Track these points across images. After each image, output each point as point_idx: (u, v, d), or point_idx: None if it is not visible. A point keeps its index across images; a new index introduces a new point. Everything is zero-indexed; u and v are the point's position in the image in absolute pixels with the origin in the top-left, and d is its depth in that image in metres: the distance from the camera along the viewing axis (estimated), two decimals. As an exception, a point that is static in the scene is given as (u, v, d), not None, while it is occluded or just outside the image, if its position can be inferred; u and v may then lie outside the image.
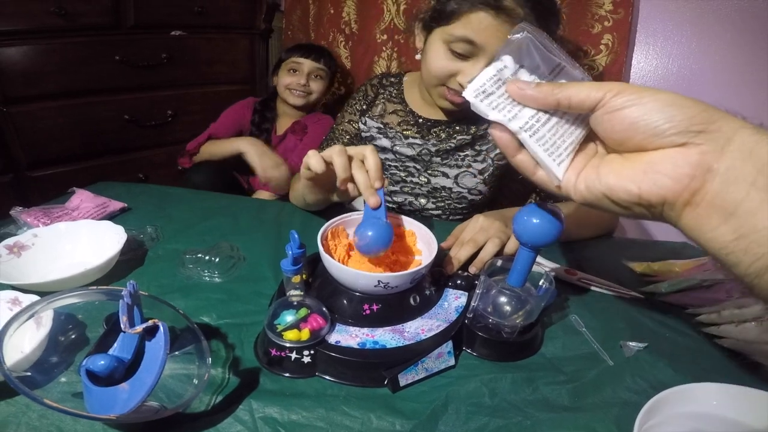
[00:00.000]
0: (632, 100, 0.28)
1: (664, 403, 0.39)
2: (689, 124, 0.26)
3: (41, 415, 0.37)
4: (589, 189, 0.31)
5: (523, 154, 0.33)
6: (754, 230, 0.25)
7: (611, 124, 0.29)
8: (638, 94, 0.28)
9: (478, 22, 0.61)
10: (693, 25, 0.94)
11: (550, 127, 0.32)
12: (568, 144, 0.33)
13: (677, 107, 0.27)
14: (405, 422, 0.39)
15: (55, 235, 0.59)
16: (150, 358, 0.35)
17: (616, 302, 0.59)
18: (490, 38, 0.62)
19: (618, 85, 0.28)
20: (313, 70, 1.23)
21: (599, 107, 0.29)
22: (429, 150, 0.81)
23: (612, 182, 0.30)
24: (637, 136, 0.28)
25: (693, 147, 0.26)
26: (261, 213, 0.76)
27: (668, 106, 0.27)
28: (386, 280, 0.44)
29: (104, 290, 0.39)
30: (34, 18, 1.07)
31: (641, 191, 0.28)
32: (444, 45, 0.66)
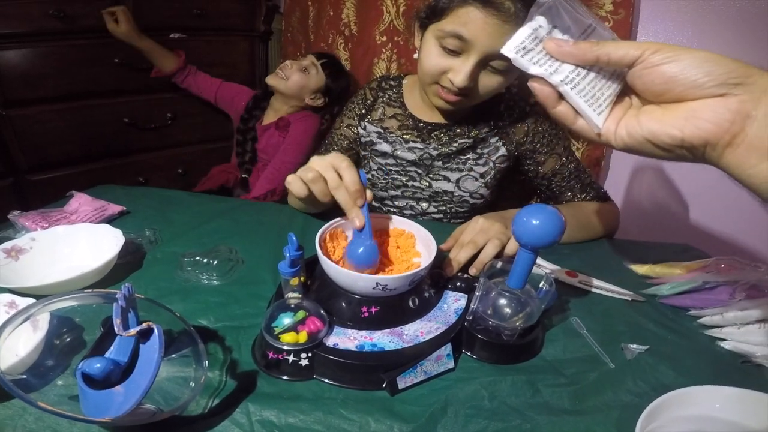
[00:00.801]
0: (670, 57, 0.31)
1: (666, 406, 0.39)
2: (728, 77, 0.29)
3: (37, 418, 0.37)
4: (630, 135, 0.34)
5: (563, 106, 0.36)
6: None
7: (651, 78, 0.32)
8: (675, 52, 0.31)
9: (467, 17, 0.62)
10: (694, 26, 0.93)
11: (589, 81, 0.34)
12: (607, 96, 0.35)
13: (715, 63, 0.30)
14: (403, 425, 0.39)
15: (53, 239, 0.59)
16: (145, 360, 0.34)
17: (618, 304, 0.58)
18: (478, 32, 0.62)
19: (655, 44, 0.31)
20: (309, 65, 1.23)
21: (638, 63, 0.32)
22: (430, 154, 0.80)
23: (654, 128, 0.33)
24: (676, 89, 0.31)
25: (732, 97, 0.30)
26: (260, 216, 0.76)
27: (706, 62, 0.30)
28: (384, 282, 0.43)
29: (100, 293, 0.39)
30: (33, 21, 1.07)
31: (684, 135, 0.31)
32: (436, 42, 0.66)
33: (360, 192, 0.48)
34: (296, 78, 1.22)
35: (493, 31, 0.61)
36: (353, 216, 0.48)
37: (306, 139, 1.24)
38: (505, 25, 0.60)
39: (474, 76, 0.65)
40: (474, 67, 0.64)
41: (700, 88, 0.31)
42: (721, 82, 0.30)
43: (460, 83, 0.64)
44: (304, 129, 1.24)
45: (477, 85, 0.67)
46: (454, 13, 0.63)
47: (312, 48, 1.44)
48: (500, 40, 0.60)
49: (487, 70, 0.66)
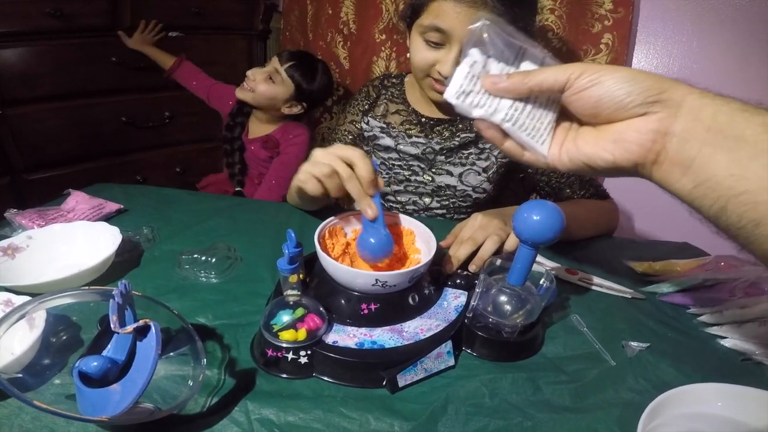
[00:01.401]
0: (593, 80, 0.32)
1: (668, 404, 0.39)
2: (645, 96, 0.30)
3: (34, 417, 0.36)
4: (571, 160, 0.35)
5: (509, 142, 0.37)
6: (707, 179, 0.29)
7: (580, 103, 0.33)
8: (598, 74, 0.31)
9: (440, 9, 0.64)
10: (693, 25, 0.93)
11: (527, 113, 0.35)
12: (547, 124, 0.36)
13: (633, 82, 0.31)
14: (404, 423, 0.39)
15: (50, 237, 0.58)
16: (142, 358, 0.34)
17: (618, 302, 0.58)
18: (454, 23, 0.64)
19: (579, 66, 0.32)
20: (272, 72, 1.16)
21: (567, 89, 0.33)
22: (433, 148, 0.81)
23: (590, 152, 0.34)
24: (604, 112, 0.32)
25: (651, 115, 0.31)
26: (258, 214, 0.75)
27: (625, 82, 0.31)
28: (384, 279, 0.43)
29: (97, 290, 0.38)
30: (30, 19, 1.06)
31: (615, 158, 0.33)
32: (420, 37, 0.69)
33: (374, 181, 0.48)
34: (262, 89, 1.14)
35: (467, 18, 0.63)
36: (365, 206, 0.48)
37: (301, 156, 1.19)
38: (477, 12, 0.62)
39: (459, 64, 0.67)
40: (457, 55, 0.65)
41: (623, 109, 0.31)
42: (640, 102, 0.31)
43: (447, 73, 0.67)
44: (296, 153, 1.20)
45: None
46: (429, 7, 0.66)
47: (311, 47, 1.44)
48: None
49: None
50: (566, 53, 1.01)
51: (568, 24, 0.98)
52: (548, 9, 0.98)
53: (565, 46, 1.00)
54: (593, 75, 0.32)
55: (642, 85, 0.31)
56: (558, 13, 0.98)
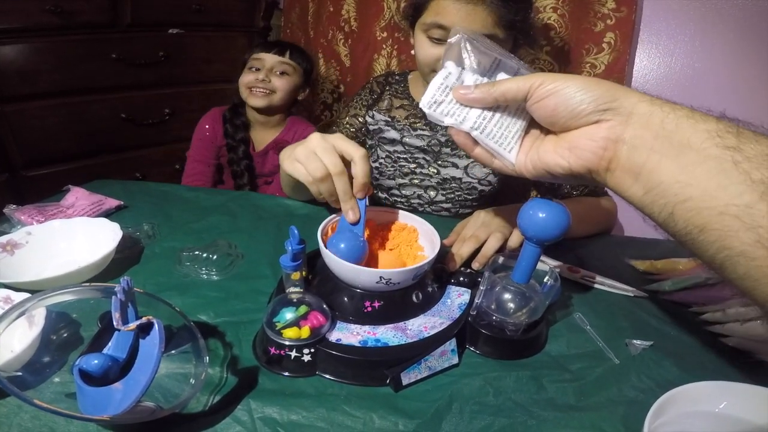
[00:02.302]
0: (551, 90, 0.33)
1: (673, 403, 0.39)
2: (597, 104, 0.31)
3: (33, 416, 0.36)
4: (534, 167, 0.36)
5: (479, 149, 0.39)
6: (656, 185, 0.30)
7: (540, 112, 0.34)
8: (554, 84, 0.33)
9: (440, 6, 0.66)
10: (696, 24, 0.93)
11: (496, 122, 0.37)
12: (514, 132, 0.37)
13: (585, 91, 0.32)
14: (408, 422, 0.38)
15: (50, 233, 0.58)
16: (144, 356, 0.33)
17: (620, 300, 0.58)
18: (455, 19, 0.64)
19: (539, 77, 0.34)
20: (276, 65, 1.08)
21: (529, 98, 0.34)
22: (438, 140, 0.81)
23: (548, 160, 0.35)
24: (560, 120, 0.34)
25: (603, 123, 0.32)
26: (259, 210, 0.75)
27: (579, 91, 0.32)
28: (388, 276, 0.43)
29: (98, 287, 0.38)
30: (30, 16, 1.06)
31: (570, 165, 0.34)
32: (423, 34, 0.70)
33: (366, 186, 0.47)
34: (281, 85, 1.09)
35: (466, 14, 0.63)
36: (348, 208, 0.47)
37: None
38: (476, 7, 0.63)
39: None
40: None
41: (577, 117, 0.32)
42: (593, 110, 0.32)
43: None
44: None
45: None
46: (430, 5, 0.68)
47: (312, 45, 1.43)
48: (475, 21, 0.64)
49: None
50: (568, 52, 1.01)
51: (570, 23, 0.98)
52: (551, 7, 0.98)
53: (567, 45, 1.00)
54: (551, 85, 0.33)
55: (594, 93, 0.31)
56: (560, 12, 0.97)
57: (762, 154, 0.26)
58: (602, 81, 0.32)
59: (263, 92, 1.07)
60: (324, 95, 1.46)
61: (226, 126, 1.13)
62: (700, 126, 0.28)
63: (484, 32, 0.64)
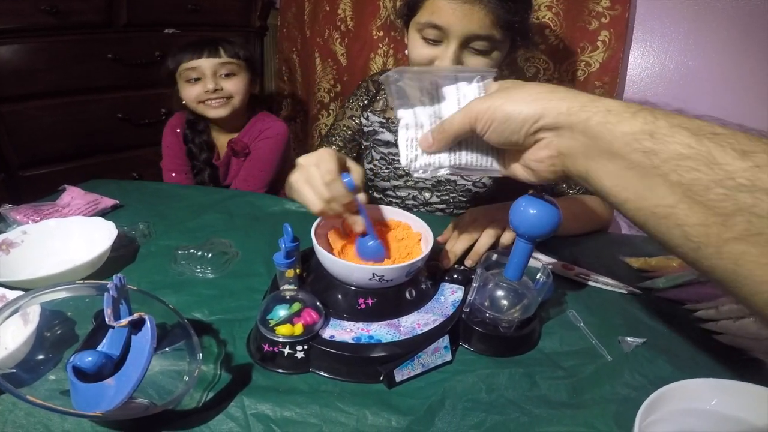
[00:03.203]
0: (485, 128, 0.35)
1: (664, 400, 0.39)
2: (526, 129, 0.33)
3: (28, 413, 0.36)
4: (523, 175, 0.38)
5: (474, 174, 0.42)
6: (600, 189, 0.31)
7: (491, 142, 0.36)
8: (488, 121, 0.35)
9: (434, 6, 0.64)
10: (690, 22, 0.94)
11: (466, 150, 0.39)
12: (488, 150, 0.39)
13: (512, 121, 0.33)
14: (401, 418, 0.39)
15: (45, 232, 0.58)
16: (136, 352, 0.34)
17: (614, 298, 0.58)
18: (449, 18, 0.63)
19: (476, 112, 0.35)
20: (218, 68, 0.97)
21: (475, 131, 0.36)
22: None
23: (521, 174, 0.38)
24: (507, 148, 0.37)
25: (541, 141, 0.34)
26: (254, 209, 0.75)
27: (507, 122, 0.34)
28: (381, 273, 0.43)
29: (92, 284, 0.38)
30: (25, 16, 1.06)
31: (537, 179, 0.36)
32: (418, 34, 0.68)
33: (351, 204, 0.47)
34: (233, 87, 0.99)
35: (462, 14, 0.62)
36: (351, 222, 0.48)
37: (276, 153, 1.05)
38: (473, 7, 0.62)
39: (458, 59, 0.67)
40: (455, 51, 0.65)
41: (518, 144, 0.35)
42: (524, 136, 0.33)
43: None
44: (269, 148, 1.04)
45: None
46: (425, 5, 0.66)
47: (308, 44, 1.43)
48: (472, 21, 0.62)
49: (470, 52, 0.67)
50: (563, 50, 1.01)
51: (565, 21, 0.98)
52: (545, 6, 0.98)
53: (561, 42, 1.00)
54: (484, 124, 0.35)
55: (519, 121, 0.33)
56: (555, 10, 0.98)
57: (675, 153, 0.27)
58: (528, 100, 0.33)
59: (219, 102, 0.98)
60: (321, 94, 1.46)
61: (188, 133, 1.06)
62: (617, 130, 0.29)
63: (481, 33, 0.63)
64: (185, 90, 0.99)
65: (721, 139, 0.26)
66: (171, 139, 1.09)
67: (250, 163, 1.04)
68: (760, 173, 0.24)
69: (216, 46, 0.97)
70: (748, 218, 0.24)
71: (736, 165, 0.25)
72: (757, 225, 0.24)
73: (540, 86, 0.34)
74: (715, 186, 0.25)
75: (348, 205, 0.47)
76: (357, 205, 0.47)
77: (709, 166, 0.26)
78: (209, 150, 1.06)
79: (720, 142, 0.26)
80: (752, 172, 0.24)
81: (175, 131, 1.08)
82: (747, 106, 0.92)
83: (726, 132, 0.26)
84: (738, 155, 0.25)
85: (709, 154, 0.26)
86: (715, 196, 0.25)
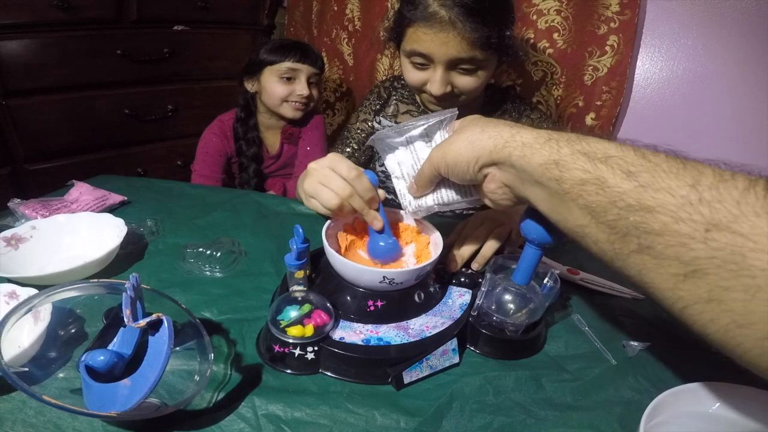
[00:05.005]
0: (445, 172, 0.40)
1: (668, 403, 0.39)
2: (473, 169, 0.37)
3: (38, 412, 0.36)
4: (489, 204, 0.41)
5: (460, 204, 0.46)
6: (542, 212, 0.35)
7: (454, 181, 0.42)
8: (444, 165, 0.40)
9: (415, 35, 0.66)
10: (699, 28, 0.93)
11: (446, 188, 0.45)
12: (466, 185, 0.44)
13: (458, 165, 0.38)
14: (409, 420, 0.39)
15: (54, 228, 0.58)
16: (153, 353, 0.34)
17: (618, 302, 0.59)
18: (430, 46, 0.65)
19: (435, 161, 0.41)
20: (311, 75, 1.07)
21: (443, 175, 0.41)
22: None
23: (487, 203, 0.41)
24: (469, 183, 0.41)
25: (488, 176, 0.38)
26: (262, 208, 0.75)
27: (456, 166, 0.39)
28: (391, 276, 0.43)
29: (104, 283, 0.38)
30: (36, 11, 1.06)
31: (498, 206, 0.40)
32: (407, 59, 0.71)
33: (375, 198, 0.49)
34: (316, 94, 1.10)
35: (441, 42, 0.64)
36: (371, 219, 0.49)
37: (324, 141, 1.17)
38: (449, 34, 0.63)
39: (446, 82, 0.69)
40: (442, 74, 0.67)
41: (473, 180, 0.39)
42: (472, 174, 0.38)
43: (436, 92, 0.69)
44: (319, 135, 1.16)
45: (457, 87, 0.70)
46: (407, 33, 0.68)
47: (315, 43, 1.43)
48: (451, 47, 0.64)
49: (458, 72, 0.68)
50: (571, 54, 1.01)
51: (574, 25, 0.98)
52: (555, 10, 0.98)
53: (570, 47, 1.00)
54: (443, 168, 0.40)
55: (464, 163, 0.37)
56: (564, 15, 0.98)
57: (578, 179, 0.30)
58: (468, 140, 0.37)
59: (302, 105, 1.07)
60: (327, 94, 1.47)
61: (237, 127, 1.11)
62: (533, 161, 0.32)
63: (463, 56, 0.64)
64: (275, 86, 1.05)
65: (612, 161, 0.29)
66: (213, 143, 1.11)
67: (309, 151, 1.13)
68: (643, 192, 0.27)
69: (314, 57, 1.08)
70: (639, 234, 0.27)
71: (624, 186, 0.27)
72: (646, 240, 0.27)
73: (477, 125, 0.38)
74: (611, 207, 0.28)
75: (369, 201, 0.49)
76: (378, 202, 0.49)
77: (603, 188, 0.28)
78: (258, 145, 1.12)
79: (611, 164, 0.29)
80: (637, 192, 0.27)
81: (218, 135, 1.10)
82: (755, 113, 0.92)
83: (617, 153, 0.29)
84: (625, 176, 0.28)
85: (602, 177, 0.29)
86: (612, 216, 0.28)
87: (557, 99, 1.06)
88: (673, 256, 0.26)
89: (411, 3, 0.65)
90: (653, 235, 0.26)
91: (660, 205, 0.26)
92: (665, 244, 0.26)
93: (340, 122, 1.48)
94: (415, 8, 0.65)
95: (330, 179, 0.49)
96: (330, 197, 0.49)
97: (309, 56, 1.07)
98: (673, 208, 0.26)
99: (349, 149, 0.90)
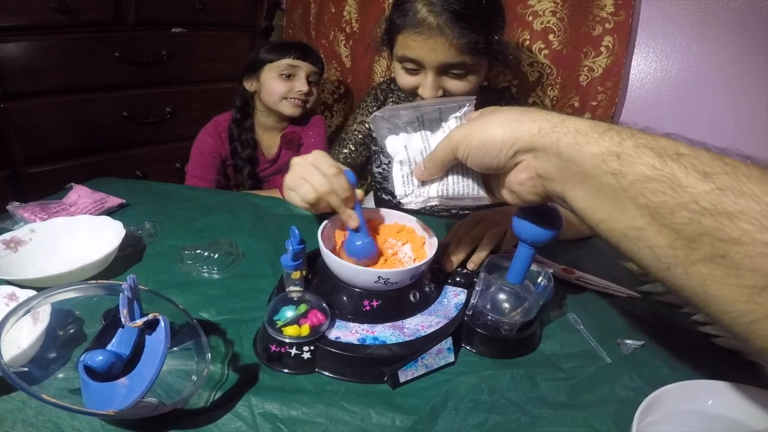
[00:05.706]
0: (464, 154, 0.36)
1: (662, 401, 0.40)
2: (505, 153, 0.33)
3: (38, 412, 0.37)
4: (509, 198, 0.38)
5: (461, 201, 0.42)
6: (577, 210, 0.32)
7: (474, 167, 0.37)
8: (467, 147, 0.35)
9: (405, 42, 0.67)
10: (693, 28, 0.94)
11: (454, 178, 0.41)
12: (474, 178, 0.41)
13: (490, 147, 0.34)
14: (405, 418, 0.39)
15: (53, 231, 0.59)
16: (150, 352, 0.34)
17: (613, 301, 0.59)
18: (420, 53, 0.66)
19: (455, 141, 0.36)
20: (310, 73, 1.08)
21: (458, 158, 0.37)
22: None
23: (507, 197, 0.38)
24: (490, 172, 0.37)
25: (520, 164, 0.34)
26: (260, 210, 0.76)
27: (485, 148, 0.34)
28: (386, 276, 0.44)
29: (102, 284, 0.39)
30: (34, 14, 1.06)
31: (521, 201, 0.36)
32: (399, 65, 0.72)
33: (351, 198, 0.50)
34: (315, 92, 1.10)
35: (429, 48, 0.64)
36: (347, 217, 0.49)
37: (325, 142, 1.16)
38: (437, 40, 0.63)
39: (437, 86, 0.70)
40: (433, 80, 0.68)
41: (499, 168, 0.35)
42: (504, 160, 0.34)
43: (427, 97, 0.70)
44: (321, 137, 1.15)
45: (448, 91, 0.71)
46: (397, 40, 0.69)
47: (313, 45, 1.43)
48: (439, 53, 0.65)
49: (449, 77, 0.69)
50: (566, 55, 1.02)
51: (569, 26, 0.99)
52: (550, 11, 0.99)
53: (565, 48, 1.01)
54: (464, 150, 0.36)
55: (496, 145, 0.33)
56: (559, 16, 0.98)
57: (641, 175, 0.27)
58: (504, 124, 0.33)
59: (301, 102, 1.07)
60: (324, 96, 1.47)
61: (233, 128, 1.10)
62: (586, 151, 0.29)
63: (452, 61, 0.65)
64: (274, 82, 1.05)
65: (684, 160, 0.26)
66: (208, 144, 1.10)
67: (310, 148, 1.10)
68: (722, 196, 0.24)
69: (315, 56, 1.09)
70: (712, 242, 0.25)
71: (699, 188, 0.25)
72: (720, 248, 0.24)
73: (514, 110, 0.34)
74: (681, 209, 0.26)
75: (346, 199, 0.49)
76: (354, 201, 0.49)
77: (674, 188, 0.26)
78: (253, 147, 1.11)
79: (684, 163, 0.26)
80: (714, 195, 0.25)
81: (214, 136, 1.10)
82: (749, 114, 0.92)
83: (690, 152, 0.27)
84: (700, 177, 0.25)
85: (673, 176, 0.26)
86: (680, 220, 0.26)
87: (553, 100, 1.07)
88: (752, 267, 0.24)
89: (401, 10, 0.66)
90: (730, 243, 0.24)
91: (741, 211, 0.24)
92: (744, 253, 0.24)
93: (338, 124, 1.48)
94: (405, 15, 0.65)
95: (311, 174, 0.50)
96: (308, 191, 0.50)
97: (309, 54, 1.07)
98: (758, 215, 0.23)
99: (347, 150, 0.91)
